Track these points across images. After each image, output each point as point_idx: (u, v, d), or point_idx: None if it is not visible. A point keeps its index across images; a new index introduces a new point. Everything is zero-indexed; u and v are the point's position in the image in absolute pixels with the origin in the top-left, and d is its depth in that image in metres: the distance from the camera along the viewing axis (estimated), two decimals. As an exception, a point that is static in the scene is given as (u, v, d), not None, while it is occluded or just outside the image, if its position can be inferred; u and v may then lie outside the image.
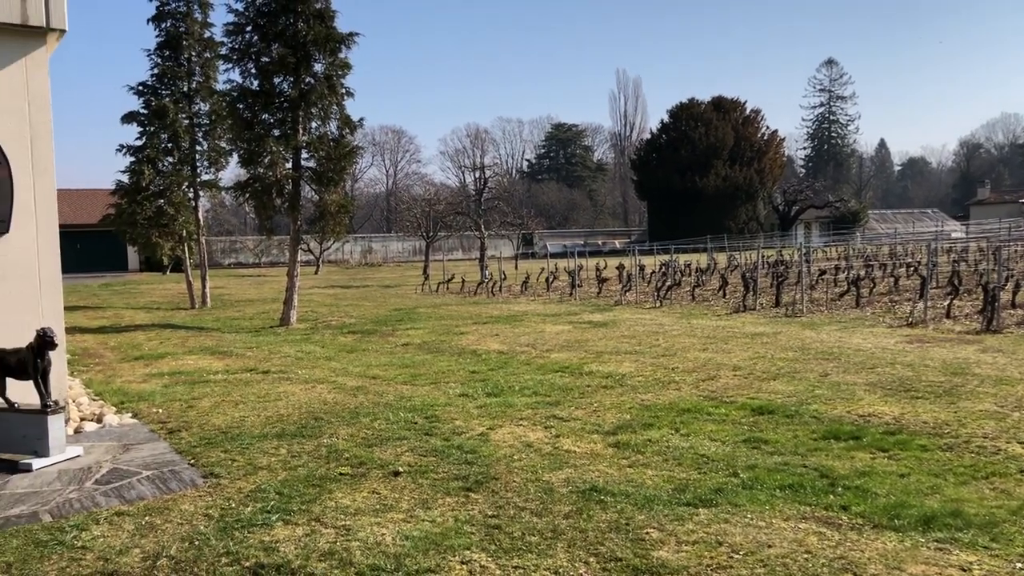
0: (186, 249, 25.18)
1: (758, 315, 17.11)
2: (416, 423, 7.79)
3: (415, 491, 5.72)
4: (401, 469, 6.22)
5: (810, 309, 17.55)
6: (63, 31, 7.71)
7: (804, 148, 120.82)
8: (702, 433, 7.13)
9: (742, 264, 31.63)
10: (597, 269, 28.47)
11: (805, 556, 4.45)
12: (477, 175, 47.76)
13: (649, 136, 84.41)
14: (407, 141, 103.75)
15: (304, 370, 11.48)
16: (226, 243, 64.51)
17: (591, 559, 4.49)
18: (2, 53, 7.43)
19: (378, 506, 5.43)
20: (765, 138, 76.98)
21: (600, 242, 78.24)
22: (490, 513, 5.23)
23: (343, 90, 17.70)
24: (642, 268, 28.34)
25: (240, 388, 10.06)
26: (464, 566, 4.45)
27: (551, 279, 26.98)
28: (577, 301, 22.67)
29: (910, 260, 29.36)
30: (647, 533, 4.83)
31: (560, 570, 4.36)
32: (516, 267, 45.71)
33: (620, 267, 27.79)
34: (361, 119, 18.42)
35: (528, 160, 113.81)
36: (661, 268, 28.73)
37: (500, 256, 34.35)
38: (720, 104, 76.29)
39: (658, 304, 20.40)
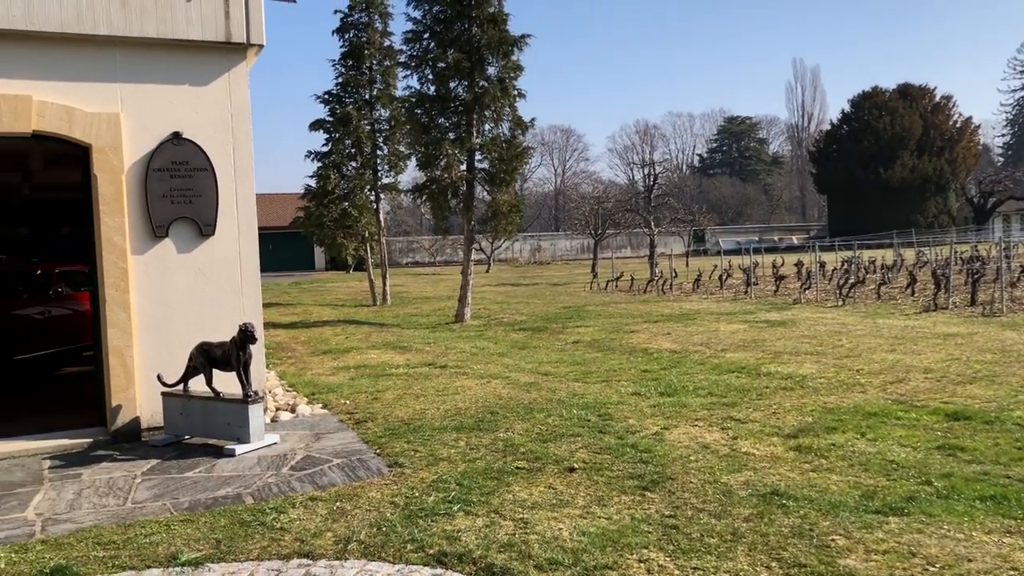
0: (368, 249, 26.41)
1: (951, 314, 16.03)
2: (589, 420, 7.83)
3: (590, 488, 5.76)
4: (576, 465, 6.28)
5: (1011, 308, 16.26)
6: (261, 46, 8.26)
7: (1002, 135, 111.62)
8: (890, 438, 6.78)
9: (932, 260, 29.71)
10: (774, 266, 27.55)
11: (1011, 573, 4.15)
12: (646, 171, 47.26)
13: (829, 127, 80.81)
14: (575, 140, 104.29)
15: (479, 365, 11.77)
16: (404, 243, 67.08)
17: (773, 564, 4.37)
18: (209, 68, 8.07)
19: (554, 501, 5.51)
20: (957, 126, 71.98)
21: (776, 238, 75.66)
22: (667, 513, 5.19)
23: (515, 92, 18.00)
24: (822, 265, 27.15)
25: (420, 382, 10.46)
26: (642, 564, 4.44)
27: (724, 277, 26.31)
28: (752, 299, 22.02)
29: None
30: (832, 540, 4.64)
31: (740, 573, 4.27)
32: (687, 264, 44.96)
33: (798, 264, 26.73)
34: (532, 120, 18.66)
35: (699, 155, 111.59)
36: (843, 265, 27.42)
37: (670, 253, 33.85)
38: (906, 91, 72.01)
39: (840, 303, 19.50)
